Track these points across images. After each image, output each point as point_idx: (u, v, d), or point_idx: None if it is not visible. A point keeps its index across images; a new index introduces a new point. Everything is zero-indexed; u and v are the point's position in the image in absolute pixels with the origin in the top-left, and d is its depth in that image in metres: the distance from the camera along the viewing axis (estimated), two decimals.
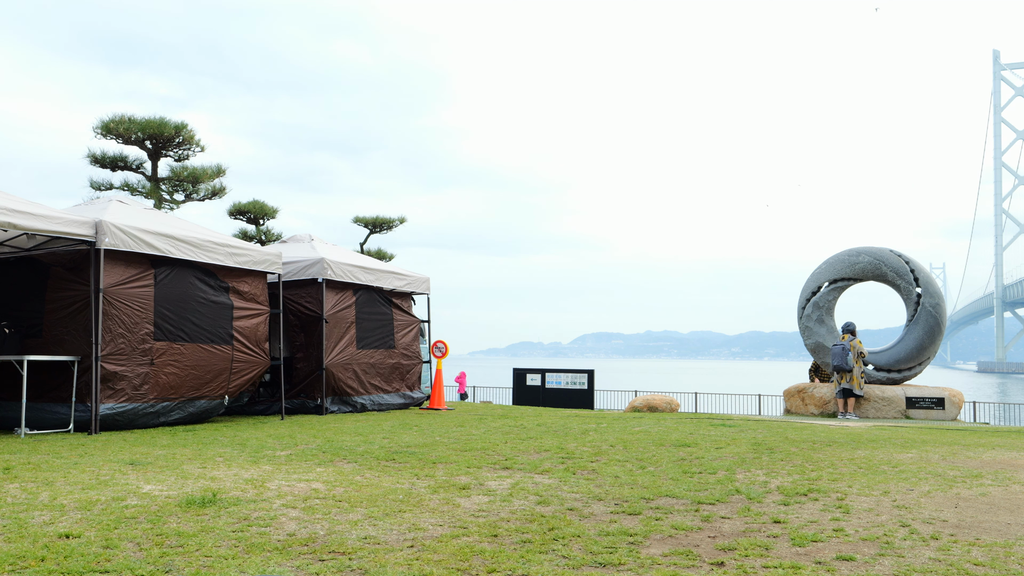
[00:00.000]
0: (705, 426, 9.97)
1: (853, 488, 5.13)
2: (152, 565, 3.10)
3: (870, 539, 3.70)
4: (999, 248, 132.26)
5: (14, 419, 8.74)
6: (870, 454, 7.08)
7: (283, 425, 9.76)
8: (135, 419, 8.99)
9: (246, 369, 10.38)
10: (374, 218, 28.64)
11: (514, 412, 12.97)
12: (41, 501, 4.37)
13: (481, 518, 4.05)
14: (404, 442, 7.64)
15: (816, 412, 15.37)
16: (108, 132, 20.12)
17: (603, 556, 3.31)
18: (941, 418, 14.42)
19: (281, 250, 11.79)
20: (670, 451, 7.03)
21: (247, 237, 24.74)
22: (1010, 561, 3.33)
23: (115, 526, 3.75)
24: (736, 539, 3.66)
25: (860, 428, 10.67)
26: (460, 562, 3.19)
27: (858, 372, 14.68)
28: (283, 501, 4.42)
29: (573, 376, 19.07)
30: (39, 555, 3.21)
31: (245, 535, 3.60)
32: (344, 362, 12.19)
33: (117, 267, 8.87)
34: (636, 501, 4.57)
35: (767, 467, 6.11)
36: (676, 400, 17.54)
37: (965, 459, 6.81)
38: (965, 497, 4.85)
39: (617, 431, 9.01)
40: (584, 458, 6.49)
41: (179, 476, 5.30)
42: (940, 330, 15.49)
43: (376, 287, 13.05)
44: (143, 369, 9.08)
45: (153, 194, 21.02)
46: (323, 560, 3.21)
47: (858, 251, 16.21)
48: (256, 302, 10.63)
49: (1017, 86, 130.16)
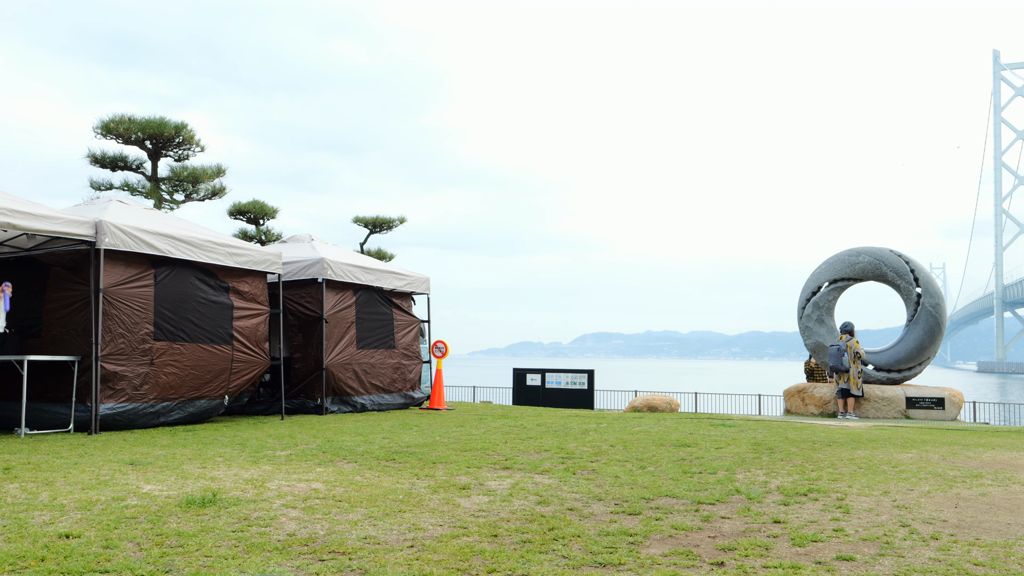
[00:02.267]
0: (705, 426, 9.97)
1: (853, 488, 5.13)
2: (152, 565, 3.10)
3: (870, 539, 3.69)
4: (999, 248, 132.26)
5: (14, 419, 8.73)
6: (870, 454, 7.08)
7: (283, 425, 9.76)
8: (135, 419, 8.99)
9: (246, 369, 10.38)
10: (374, 218, 28.64)
11: (514, 412, 12.97)
12: (41, 501, 4.37)
13: (481, 518, 4.05)
14: (404, 442, 7.64)
15: (816, 412, 15.37)
16: (108, 132, 20.12)
17: (603, 556, 3.31)
18: (941, 418, 14.42)
19: (281, 250, 11.79)
20: (670, 451, 7.03)
21: (247, 237, 24.74)
22: (1010, 561, 3.33)
23: (115, 526, 3.75)
24: (736, 539, 3.66)
25: (860, 428, 10.67)
26: (460, 562, 3.19)
27: (855, 372, 14.69)
28: (283, 501, 4.42)
29: (573, 376, 19.07)
30: (39, 555, 3.21)
31: (245, 535, 3.60)
32: (344, 362, 12.19)
33: (117, 267, 8.87)
34: (636, 501, 4.57)
35: (767, 467, 6.11)
36: (676, 400, 17.54)
37: (965, 459, 6.81)
38: (965, 497, 4.85)
39: (617, 431, 9.01)
40: (584, 458, 6.49)
41: (179, 476, 5.30)
42: (940, 330, 15.49)
43: (376, 287, 13.05)
44: (143, 369, 9.08)
45: (153, 194, 21.01)
46: (323, 560, 3.21)
47: (858, 251, 16.21)
48: (256, 302, 10.63)
49: (1017, 86, 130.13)
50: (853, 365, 14.73)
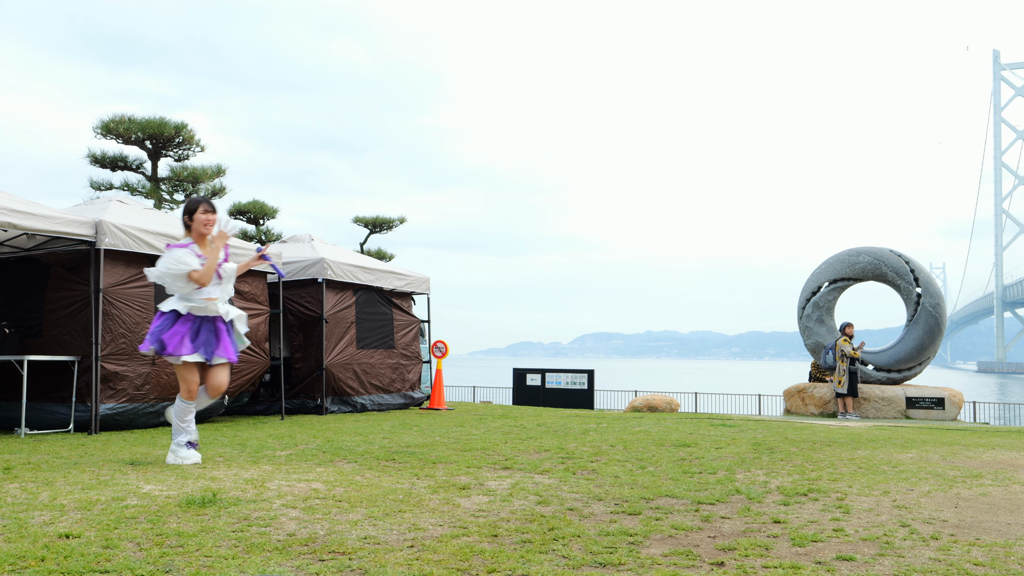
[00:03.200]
0: (705, 426, 9.97)
1: (853, 488, 5.13)
2: (152, 565, 3.10)
3: (870, 539, 3.70)
4: (999, 248, 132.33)
5: (14, 419, 8.74)
6: (870, 454, 7.08)
7: (283, 425, 9.76)
8: (135, 419, 8.99)
9: (246, 369, 10.38)
10: (374, 218, 28.65)
11: (514, 412, 12.97)
12: (41, 501, 4.37)
13: (481, 518, 4.05)
14: (404, 442, 7.64)
15: (816, 412, 15.37)
16: (108, 132, 20.13)
17: (603, 556, 3.31)
18: (941, 418, 14.42)
19: (281, 250, 11.80)
20: (670, 451, 7.03)
21: (247, 237, 24.74)
22: (1010, 561, 3.33)
23: (115, 526, 3.75)
24: (736, 539, 3.66)
25: (860, 428, 10.67)
26: (460, 562, 3.19)
27: (840, 371, 14.76)
28: (283, 501, 4.42)
29: (573, 376, 19.07)
30: (39, 555, 3.21)
31: (245, 535, 3.60)
32: (344, 362, 12.19)
33: (117, 267, 8.87)
34: (636, 501, 4.57)
35: (767, 467, 6.11)
36: (676, 400, 17.54)
37: (965, 459, 6.81)
38: (965, 497, 4.85)
39: (617, 431, 9.01)
40: (584, 458, 6.49)
41: (179, 476, 5.30)
42: (940, 330, 15.50)
43: (376, 287, 13.05)
44: (144, 369, 9.08)
45: (153, 194, 21.02)
46: (323, 560, 3.21)
47: (858, 251, 16.22)
48: (256, 302, 10.63)
49: (1017, 86, 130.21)
50: (840, 363, 14.81)
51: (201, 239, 5.76)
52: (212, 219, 5.78)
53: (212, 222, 5.77)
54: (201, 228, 5.75)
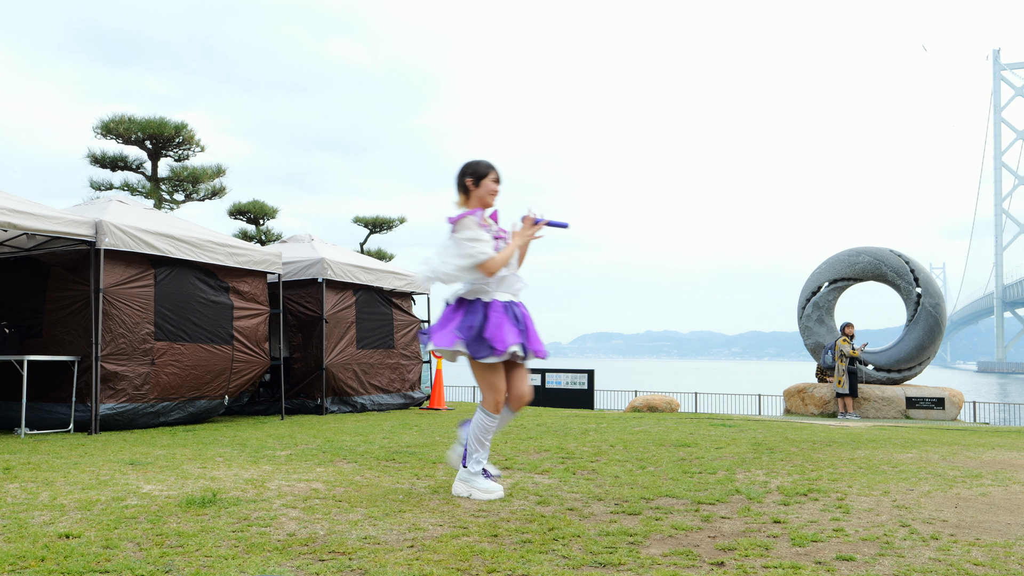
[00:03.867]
0: (705, 426, 9.97)
1: (853, 488, 5.13)
2: (152, 565, 3.10)
3: (870, 539, 3.69)
4: (999, 248, 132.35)
5: (14, 419, 8.74)
6: (870, 454, 7.08)
7: (283, 425, 9.76)
8: (135, 419, 8.99)
9: (246, 369, 10.39)
10: (374, 218, 28.65)
11: None
12: (41, 501, 4.37)
13: (481, 518, 4.04)
14: (404, 442, 7.64)
15: (816, 412, 15.38)
16: (108, 132, 20.13)
17: (603, 556, 3.31)
18: (941, 418, 14.42)
19: (281, 250, 11.80)
20: (670, 451, 7.03)
21: (247, 237, 24.74)
22: (1010, 561, 3.33)
23: (115, 526, 3.75)
24: (736, 539, 3.65)
25: (860, 428, 10.67)
26: (460, 562, 3.19)
27: (839, 371, 14.79)
28: (283, 501, 4.42)
29: (573, 376, 19.07)
30: (39, 555, 3.21)
31: (245, 535, 3.60)
32: (344, 362, 12.19)
33: (117, 267, 8.87)
34: (636, 501, 4.57)
35: (767, 467, 6.11)
36: (676, 400, 17.54)
37: (965, 459, 6.81)
38: (965, 497, 4.85)
39: (617, 431, 9.01)
40: (584, 458, 6.49)
41: (179, 476, 5.30)
42: (940, 330, 15.50)
43: (376, 287, 13.05)
44: (144, 369, 9.09)
45: (153, 194, 21.02)
46: (323, 560, 3.21)
47: (858, 251, 16.22)
48: (256, 302, 10.64)
49: (1017, 86, 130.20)
50: (838, 363, 14.84)
51: (484, 208, 4.88)
52: (498, 191, 4.97)
53: (497, 194, 4.96)
54: (487, 198, 4.90)
